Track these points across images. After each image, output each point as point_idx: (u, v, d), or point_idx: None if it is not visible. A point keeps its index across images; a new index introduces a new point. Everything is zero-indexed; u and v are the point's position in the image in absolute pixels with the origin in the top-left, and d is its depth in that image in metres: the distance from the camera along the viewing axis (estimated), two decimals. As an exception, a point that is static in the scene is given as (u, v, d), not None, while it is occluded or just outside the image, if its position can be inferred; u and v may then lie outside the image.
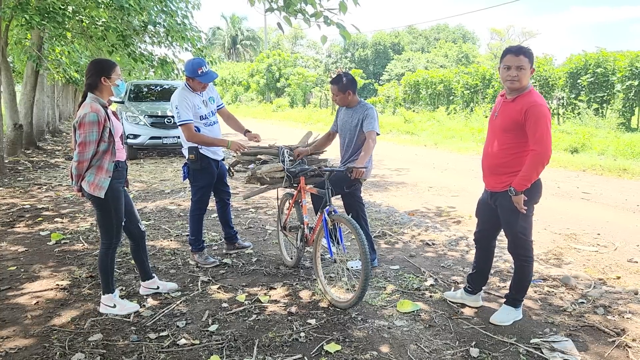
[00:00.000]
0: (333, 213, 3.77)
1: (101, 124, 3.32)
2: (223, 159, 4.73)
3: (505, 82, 3.23)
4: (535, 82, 17.89)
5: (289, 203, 4.53)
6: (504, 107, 3.28)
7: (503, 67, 3.22)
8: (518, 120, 3.14)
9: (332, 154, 5.23)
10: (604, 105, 15.98)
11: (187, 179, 4.56)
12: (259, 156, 4.44)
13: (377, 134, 4.22)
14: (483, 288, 3.78)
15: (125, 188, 3.73)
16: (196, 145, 4.38)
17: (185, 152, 4.47)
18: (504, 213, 3.32)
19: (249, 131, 4.73)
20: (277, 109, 35.11)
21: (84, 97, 3.42)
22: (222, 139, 4.49)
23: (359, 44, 51.47)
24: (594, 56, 16.18)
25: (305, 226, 4.21)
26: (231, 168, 4.56)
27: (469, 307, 3.71)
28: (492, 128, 3.39)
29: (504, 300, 3.55)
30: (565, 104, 17.36)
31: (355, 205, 4.43)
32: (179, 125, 4.30)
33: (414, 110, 24.07)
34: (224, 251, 5.01)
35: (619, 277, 4.32)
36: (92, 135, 3.30)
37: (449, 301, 3.80)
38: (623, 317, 3.52)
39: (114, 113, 3.61)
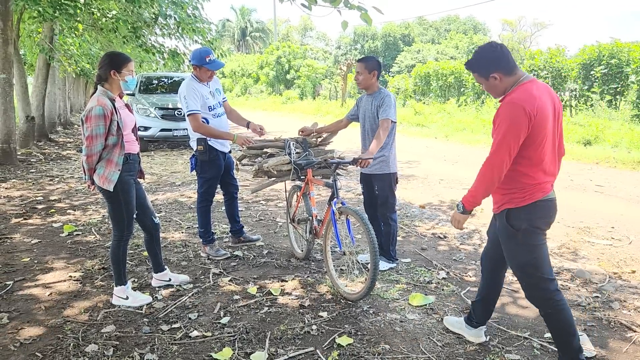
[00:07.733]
0: (341, 205, 3.75)
1: (108, 118, 3.32)
2: (230, 152, 4.72)
3: None
4: (547, 74, 17.66)
5: (297, 195, 4.51)
6: None
7: None
8: None
9: (340, 146, 5.19)
10: (618, 96, 15.74)
11: (194, 171, 4.57)
12: (265, 150, 4.42)
13: (394, 122, 4.10)
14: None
15: (140, 180, 3.73)
16: (205, 136, 4.37)
17: (193, 143, 4.47)
18: None
19: (251, 123, 4.69)
20: (286, 101, 35.05)
21: (95, 89, 3.42)
22: (228, 132, 4.47)
23: (369, 35, 51.14)
24: (607, 47, 15.91)
25: (313, 218, 4.19)
26: (238, 162, 4.55)
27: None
28: None
29: None
30: (577, 96, 17.12)
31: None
32: (187, 115, 4.29)
33: (424, 102, 23.88)
34: (231, 244, 5.01)
35: (634, 271, 4.26)
36: (99, 129, 3.30)
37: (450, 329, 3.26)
38: (639, 312, 3.47)
39: (127, 105, 3.60)
